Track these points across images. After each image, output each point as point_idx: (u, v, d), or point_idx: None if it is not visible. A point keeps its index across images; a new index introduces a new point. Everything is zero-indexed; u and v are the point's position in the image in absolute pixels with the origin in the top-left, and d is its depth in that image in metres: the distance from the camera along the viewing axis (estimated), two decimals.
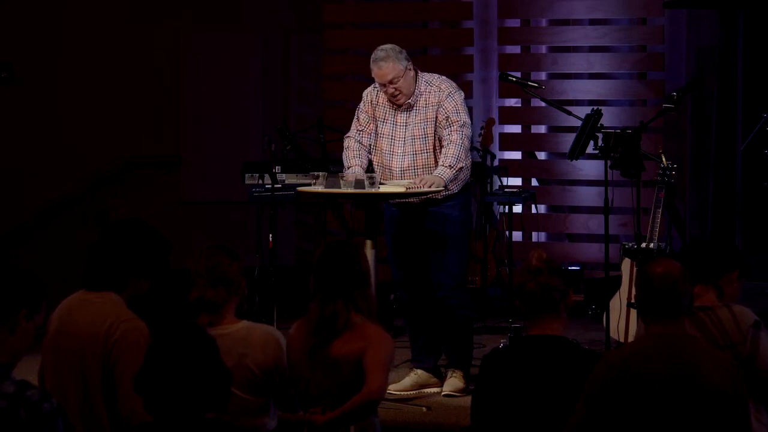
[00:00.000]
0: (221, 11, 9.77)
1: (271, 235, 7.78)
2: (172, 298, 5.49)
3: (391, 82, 6.35)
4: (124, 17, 9.75)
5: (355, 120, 6.63)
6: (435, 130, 6.41)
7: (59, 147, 9.64)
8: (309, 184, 6.56)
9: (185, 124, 9.78)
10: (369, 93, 6.61)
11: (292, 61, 9.91)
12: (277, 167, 7.99)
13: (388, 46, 6.42)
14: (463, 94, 6.52)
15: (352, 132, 6.61)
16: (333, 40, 9.67)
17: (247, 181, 8.20)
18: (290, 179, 8.05)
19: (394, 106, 6.47)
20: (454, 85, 6.51)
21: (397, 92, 6.38)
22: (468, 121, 6.41)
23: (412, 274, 6.57)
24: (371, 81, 6.88)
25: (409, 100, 6.42)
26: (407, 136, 6.44)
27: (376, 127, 6.53)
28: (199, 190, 9.74)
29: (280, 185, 7.95)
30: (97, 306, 4.26)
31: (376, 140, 6.54)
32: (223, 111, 9.76)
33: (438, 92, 6.42)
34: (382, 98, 6.53)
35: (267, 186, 7.86)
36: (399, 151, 6.46)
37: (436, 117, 6.40)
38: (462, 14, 9.48)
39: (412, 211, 6.52)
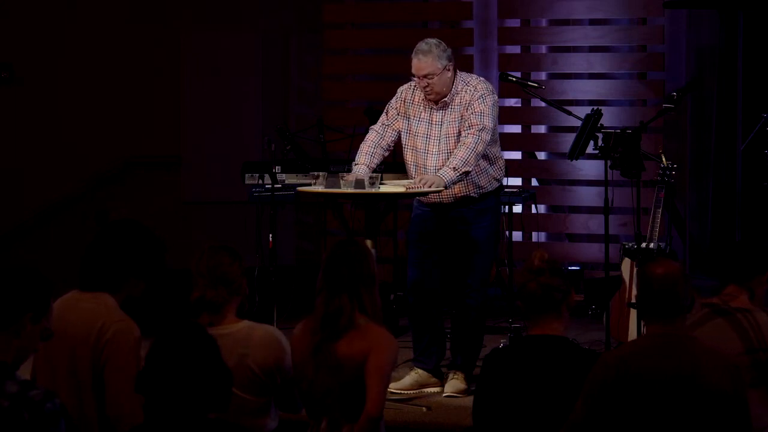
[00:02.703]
0: (221, 11, 9.77)
1: (271, 235, 7.78)
2: (169, 298, 5.49)
3: (425, 77, 6.34)
4: (124, 17, 9.75)
5: (383, 114, 6.62)
6: None
7: (59, 147, 9.64)
8: (309, 184, 6.56)
9: (185, 124, 9.78)
10: (404, 90, 6.60)
11: (292, 61, 9.91)
12: (277, 167, 7.99)
13: (433, 40, 6.42)
14: (496, 97, 6.49)
15: (377, 126, 6.60)
16: (333, 40, 9.67)
17: (247, 181, 8.20)
18: (290, 179, 8.05)
19: (430, 105, 6.46)
20: (489, 87, 6.48)
21: (428, 87, 6.37)
22: (489, 125, 6.36)
23: (430, 274, 6.55)
24: (371, 81, 6.88)
25: (445, 99, 6.41)
26: (442, 135, 6.44)
27: (410, 126, 6.51)
28: (199, 190, 9.74)
29: (280, 185, 7.95)
30: (90, 306, 4.25)
31: (408, 139, 6.52)
32: (223, 111, 9.75)
33: (473, 91, 6.40)
34: (418, 96, 6.50)
35: (267, 186, 7.86)
36: (434, 150, 6.44)
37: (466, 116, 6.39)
38: (462, 14, 9.49)
39: (443, 211, 6.51)
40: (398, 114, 6.55)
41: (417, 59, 6.38)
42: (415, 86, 6.52)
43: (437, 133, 6.45)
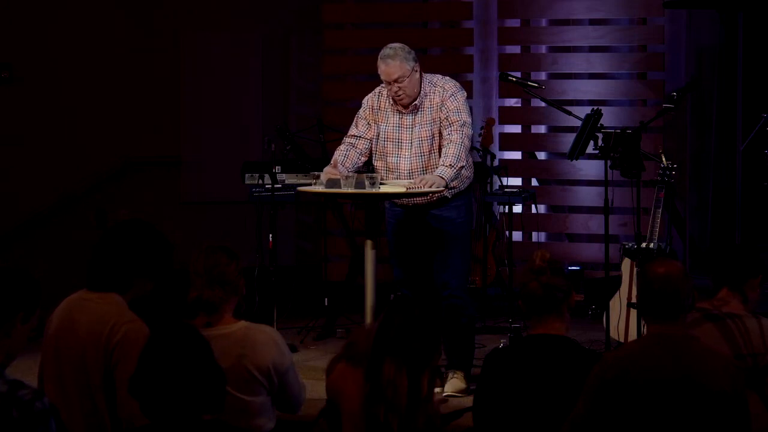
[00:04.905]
0: (221, 11, 9.77)
1: (271, 235, 7.78)
2: (171, 298, 5.50)
3: (396, 81, 6.34)
4: (123, 17, 9.74)
5: (353, 126, 6.62)
6: (440, 131, 6.41)
7: (59, 147, 9.64)
8: (309, 184, 6.56)
9: (185, 124, 9.78)
10: (369, 99, 6.60)
11: (292, 61, 9.90)
12: (277, 167, 7.98)
13: (397, 45, 6.42)
14: (465, 93, 6.52)
15: (348, 138, 6.60)
16: (333, 40, 9.67)
17: (247, 181, 8.20)
18: (290, 179, 8.04)
19: (399, 109, 6.46)
20: (457, 84, 6.51)
21: (401, 92, 6.37)
22: (469, 120, 6.42)
23: (413, 274, 6.58)
24: (371, 81, 6.88)
25: (416, 102, 6.42)
26: (414, 138, 6.45)
27: (379, 132, 6.52)
28: (199, 190, 9.73)
29: (280, 185, 7.95)
30: (99, 306, 4.25)
31: (378, 145, 6.53)
32: (223, 111, 9.75)
33: (442, 92, 6.42)
34: (384, 102, 6.52)
35: (267, 186, 7.86)
36: (407, 153, 6.45)
37: (440, 117, 6.41)
38: (462, 14, 9.48)
39: (416, 211, 6.52)
40: (368, 123, 6.55)
41: (385, 64, 6.38)
42: (379, 93, 6.54)
43: (409, 137, 6.46)
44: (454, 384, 6.49)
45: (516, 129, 9.48)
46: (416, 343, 4.17)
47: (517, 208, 8.73)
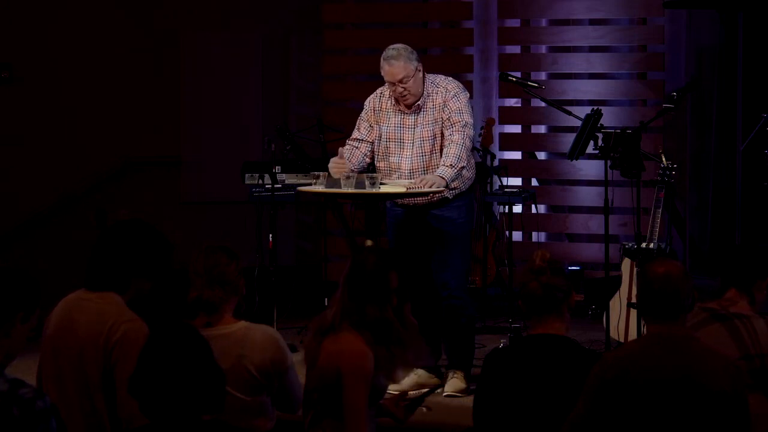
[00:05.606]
0: (221, 11, 9.77)
1: (271, 235, 7.79)
2: (171, 298, 5.50)
3: (400, 82, 6.35)
4: (123, 17, 9.74)
5: (355, 129, 6.63)
6: (442, 131, 6.42)
7: (59, 147, 9.64)
8: (309, 184, 6.56)
9: (185, 124, 9.78)
10: (371, 100, 6.61)
11: (292, 61, 9.90)
12: (277, 167, 7.98)
13: (400, 45, 6.42)
14: (468, 94, 6.53)
15: (351, 140, 6.61)
16: (333, 40, 9.67)
17: (247, 181, 8.20)
18: (290, 179, 8.05)
19: (401, 109, 6.47)
20: (460, 85, 6.51)
21: (406, 92, 6.37)
22: (470, 121, 6.42)
23: (413, 274, 6.58)
24: (371, 81, 6.88)
25: (418, 102, 6.42)
26: (416, 138, 6.45)
27: (381, 133, 6.53)
28: (199, 190, 9.73)
29: (280, 185, 7.95)
30: (98, 306, 4.25)
31: (380, 145, 6.53)
32: (223, 111, 9.75)
33: (444, 92, 6.43)
34: (386, 103, 6.52)
35: (267, 186, 7.86)
36: (408, 153, 6.46)
37: (442, 117, 6.41)
38: (462, 14, 9.48)
39: (416, 212, 6.52)
40: (371, 126, 6.56)
41: (389, 65, 6.37)
42: (381, 93, 6.55)
43: (411, 137, 6.47)
44: (454, 384, 6.49)
45: (516, 129, 9.48)
46: (387, 278, 4.51)
47: (517, 208, 8.73)
